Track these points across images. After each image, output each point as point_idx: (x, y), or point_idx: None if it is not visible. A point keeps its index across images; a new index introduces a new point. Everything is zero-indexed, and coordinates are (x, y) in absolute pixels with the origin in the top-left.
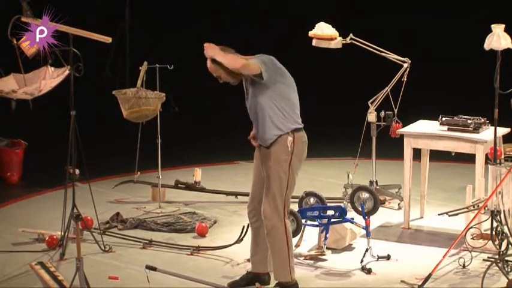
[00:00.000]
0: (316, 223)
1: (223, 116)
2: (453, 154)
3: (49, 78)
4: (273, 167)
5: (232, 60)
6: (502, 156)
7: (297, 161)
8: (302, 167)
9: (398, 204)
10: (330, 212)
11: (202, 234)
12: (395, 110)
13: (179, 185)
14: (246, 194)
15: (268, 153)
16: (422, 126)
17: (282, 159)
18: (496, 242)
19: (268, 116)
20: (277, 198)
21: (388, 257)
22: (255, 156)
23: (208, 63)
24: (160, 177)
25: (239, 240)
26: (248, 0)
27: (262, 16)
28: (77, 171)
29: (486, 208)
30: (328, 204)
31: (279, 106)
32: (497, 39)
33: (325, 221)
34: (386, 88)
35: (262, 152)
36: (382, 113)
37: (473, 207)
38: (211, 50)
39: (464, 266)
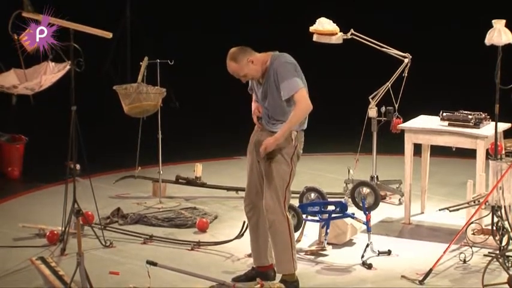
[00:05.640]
0: (316, 218)
1: (223, 111)
2: (454, 149)
3: (50, 73)
4: (277, 160)
5: (299, 115)
6: (503, 152)
7: (297, 157)
8: (303, 162)
9: (399, 199)
10: (331, 207)
11: (202, 230)
12: (396, 105)
13: (180, 180)
14: None
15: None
16: (423, 121)
17: (285, 153)
18: (497, 238)
19: (288, 118)
20: (279, 191)
21: (388, 252)
22: (249, 150)
23: (230, 65)
24: (161, 172)
25: (240, 235)
26: None
27: (262, 14)
28: (78, 166)
29: (487, 203)
30: (329, 200)
31: None
32: (498, 34)
33: (325, 216)
34: (387, 83)
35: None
36: (383, 109)
37: (474, 202)
38: (272, 142)
39: (465, 261)
